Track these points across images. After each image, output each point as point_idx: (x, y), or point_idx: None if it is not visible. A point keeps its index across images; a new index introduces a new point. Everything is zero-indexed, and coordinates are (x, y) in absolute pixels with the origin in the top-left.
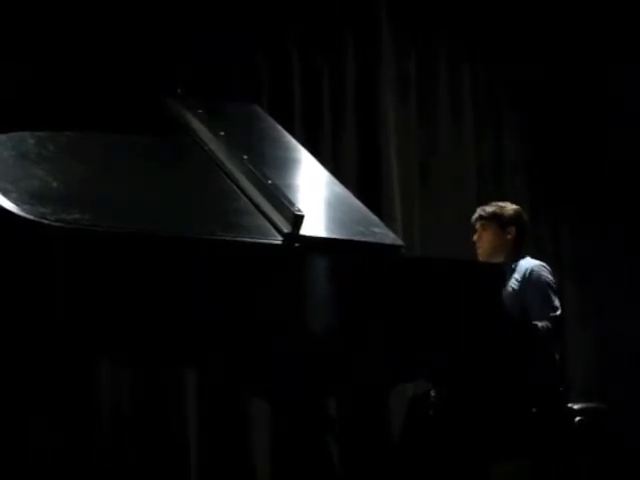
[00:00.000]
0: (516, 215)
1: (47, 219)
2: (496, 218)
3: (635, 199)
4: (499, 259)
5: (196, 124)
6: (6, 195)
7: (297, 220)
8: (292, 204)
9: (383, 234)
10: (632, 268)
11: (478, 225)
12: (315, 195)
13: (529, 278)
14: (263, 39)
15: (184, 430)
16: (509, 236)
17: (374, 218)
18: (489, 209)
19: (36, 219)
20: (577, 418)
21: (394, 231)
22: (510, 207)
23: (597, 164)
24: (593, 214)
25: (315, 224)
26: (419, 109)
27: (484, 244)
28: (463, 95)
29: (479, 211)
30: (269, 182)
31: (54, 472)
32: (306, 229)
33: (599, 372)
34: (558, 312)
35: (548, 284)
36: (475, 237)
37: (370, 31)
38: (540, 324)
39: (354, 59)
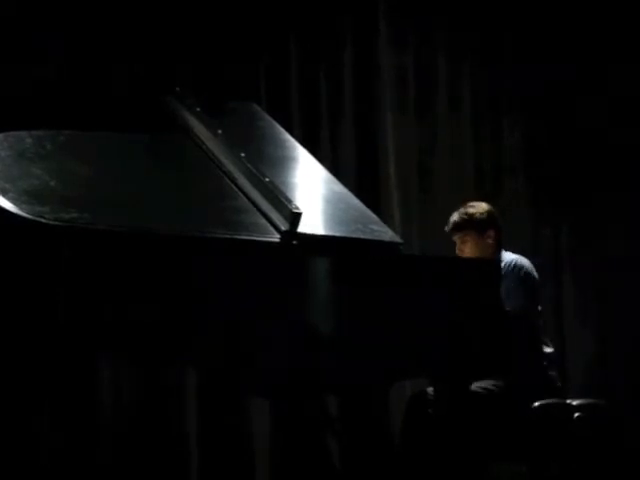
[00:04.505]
0: (489, 216)
1: (45, 218)
2: (472, 227)
3: (636, 199)
4: None
5: (194, 122)
6: (4, 194)
7: (295, 218)
8: (290, 202)
9: (381, 232)
10: (632, 267)
11: (456, 238)
12: (313, 193)
13: (512, 268)
14: (260, 36)
15: (184, 430)
16: (489, 240)
17: (372, 216)
18: (462, 219)
19: (34, 218)
20: (576, 414)
21: (392, 230)
22: (482, 209)
23: (597, 163)
24: (593, 214)
25: (313, 222)
26: (418, 108)
27: (467, 255)
28: (462, 94)
29: (452, 223)
30: (267, 180)
31: (54, 472)
32: (304, 227)
33: (599, 371)
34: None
35: (526, 279)
36: (457, 250)
37: (368, 29)
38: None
39: (352, 57)
